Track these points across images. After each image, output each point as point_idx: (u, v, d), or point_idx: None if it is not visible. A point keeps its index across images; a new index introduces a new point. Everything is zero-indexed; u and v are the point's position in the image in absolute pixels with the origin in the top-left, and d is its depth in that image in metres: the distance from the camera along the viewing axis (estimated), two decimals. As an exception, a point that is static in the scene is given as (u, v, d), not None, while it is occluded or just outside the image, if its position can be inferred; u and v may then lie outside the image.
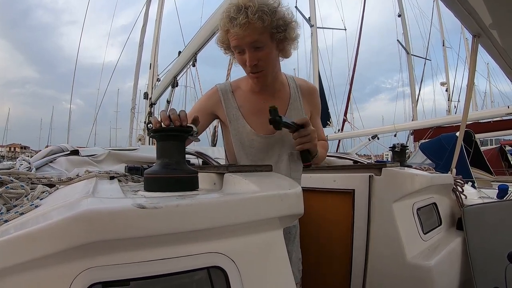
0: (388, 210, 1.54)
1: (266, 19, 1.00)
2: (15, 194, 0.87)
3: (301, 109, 1.21)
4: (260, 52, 1.05)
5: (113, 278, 0.50)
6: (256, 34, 1.02)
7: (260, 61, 1.07)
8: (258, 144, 1.16)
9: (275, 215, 0.66)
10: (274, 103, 1.15)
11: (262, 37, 1.03)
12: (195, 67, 3.92)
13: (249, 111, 1.17)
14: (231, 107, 1.17)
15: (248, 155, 1.17)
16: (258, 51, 1.05)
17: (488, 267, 1.67)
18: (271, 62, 1.10)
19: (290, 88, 1.23)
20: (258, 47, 1.05)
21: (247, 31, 1.01)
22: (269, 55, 1.07)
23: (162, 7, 7.04)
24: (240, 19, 0.99)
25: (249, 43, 1.03)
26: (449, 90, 16.63)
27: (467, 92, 2.43)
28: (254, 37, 1.02)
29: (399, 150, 1.97)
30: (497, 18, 1.32)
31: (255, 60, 1.06)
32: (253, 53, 1.05)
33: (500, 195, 2.34)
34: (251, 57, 1.05)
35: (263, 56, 1.06)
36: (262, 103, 1.16)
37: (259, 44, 1.04)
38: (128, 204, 0.50)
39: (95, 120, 11.02)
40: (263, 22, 1.00)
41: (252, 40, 1.03)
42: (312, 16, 9.82)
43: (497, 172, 5.23)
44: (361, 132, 10.77)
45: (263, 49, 1.05)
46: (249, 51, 1.05)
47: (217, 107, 1.18)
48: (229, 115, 1.17)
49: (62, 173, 1.41)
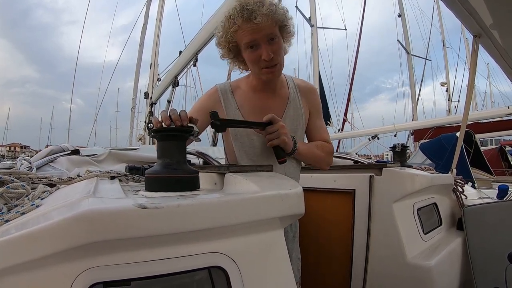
0: (388, 210, 1.54)
1: (279, 12, 1.04)
2: (16, 194, 0.87)
3: (300, 108, 1.22)
4: (275, 45, 1.07)
5: (114, 278, 0.50)
6: (272, 25, 1.05)
7: (275, 54, 1.07)
8: (258, 143, 1.16)
9: (276, 215, 0.66)
10: (274, 102, 1.17)
11: (275, 29, 1.06)
12: (196, 67, 3.92)
13: (249, 110, 1.18)
14: (230, 107, 1.18)
15: (248, 154, 1.17)
16: (272, 44, 1.07)
17: (489, 267, 1.67)
18: (282, 55, 1.12)
19: (289, 87, 1.24)
20: (273, 39, 1.06)
21: (267, 22, 1.03)
22: (281, 47, 1.10)
23: (162, 6, 7.04)
24: (263, 9, 1.01)
25: (266, 35, 1.05)
26: (449, 90, 16.61)
27: (468, 92, 2.42)
28: (270, 28, 1.04)
29: (400, 150, 1.97)
30: (497, 18, 1.32)
31: (272, 53, 1.06)
32: (269, 46, 1.06)
33: (500, 196, 2.34)
34: (268, 50, 1.05)
35: (277, 49, 1.08)
36: (263, 102, 1.18)
37: (274, 35, 1.06)
38: (129, 204, 0.50)
39: (96, 119, 11.01)
40: (277, 15, 1.04)
41: (268, 32, 1.05)
42: (312, 16, 9.81)
43: (497, 172, 5.22)
44: (361, 132, 10.76)
45: (276, 42, 1.07)
46: (265, 44, 1.06)
47: (217, 107, 1.17)
48: (229, 115, 1.17)
49: (63, 173, 1.42)
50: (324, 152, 1.23)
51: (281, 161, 1.08)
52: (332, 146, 1.29)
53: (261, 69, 1.10)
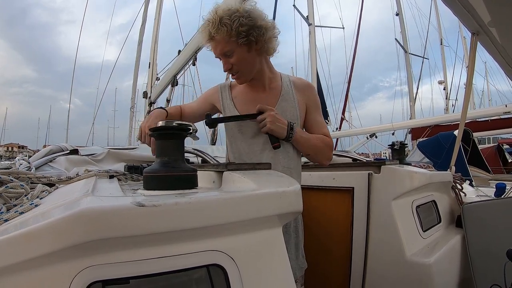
0: (387, 207, 1.55)
1: (224, 30, 1.12)
2: (15, 194, 0.87)
3: (293, 101, 1.28)
4: (231, 58, 1.18)
5: (112, 276, 0.49)
6: (221, 44, 1.16)
7: (234, 66, 1.20)
8: (247, 129, 1.26)
9: (274, 213, 0.66)
10: (267, 95, 1.29)
11: (227, 45, 1.16)
12: (195, 66, 3.92)
13: (241, 101, 1.31)
14: (226, 99, 1.34)
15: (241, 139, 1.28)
16: (229, 57, 1.19)
17: (488, 264, 1.68)
18: (245, 64, 1.21)
19: (283, 82, 1.32)
20: (228, 55, 1.18)
21: (214, 44, 1.18)
22: (240, 59, 1.19)
23: (161, 5, 7.01)
24: (206, 35, 1.16)
25: (220, 52, 1.18)
26: (447, 88, 16.67)
27: (466, 90, 2.43)
28: (220, 47, 1.17)
29: (398, 148, 1.98)
30: (495, 16, 1.32)
31: (229, 65, 1.20)
32: (225, 60, 1.20)
33: (497, 194, 2.35)
34: (224, 64, 1.21)
35: (235, 61, 1.19)
36: (255, 94, 1.29)
37: (227, 52, 1.17)
38: (127, 203, 0.50)
39: (94, 119, 10.97)
40: (223, 34, 1.13)
41: (220, 50, 1.18)
42: (310, 14, 9.82)
43: (495, 170, 5.23)
44: (359, 130, 10.77)
45: (233, 55, 1.18)
46: (223, 59, 1.21)
47: (216, 100, 1.35)
48: (224, 105, 1.33)
49: (62, 172, 1.41)
50: (324, 143, 1.27)
51: (275, 145, 1.17)
52: (332, 141, 1.32)
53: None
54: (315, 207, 1.81)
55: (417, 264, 1.43)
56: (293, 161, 1.26)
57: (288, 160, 1.24)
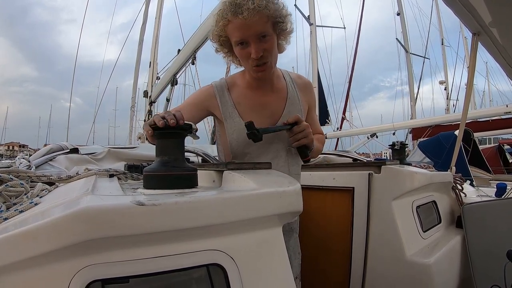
0: (387, 208, 1.54)
1: (271, 7, 0.99)
2: (15, 192, 0.87)
3: (299, 104, 1.21)
4: (265, 42, 1.03)
5: (112, 275, 0.49)
6: (262, 22, 0.99)
7: (265, 52, 1.03)
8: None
9: (274, 213, 0.66)
10: (273, 98, 1.16)
11: (267, 26, 1.01)
12: (195, 65, 3.92)
13: (246, 108, 1.15)
14: (226, 105, 1.15)
15: (246, 152, 1.15)
16: (263, 41, 1.02)
17: (488, 265, 1.67)
18: (274, 53, 1.08)
19: (287, 83, 1.22)
20: (264, 36, 1.02)
21: (255, 18, 0.97)
22: (273, 45, 1.05)
23: (161, 5, 7.01)
24: (249, 4, 0.96)
25: (254, 33, 1.00)
26: (448, 88, 16.67)
27: (467, 90, 2.42)
28: (260, 25, 1.00)
29: (399, 148, 1.97)
30: (496, 16, 1.32)
31: (261, 51, 1.02)
32: (258, 44, 1.02)
33: (498, 194, 2.34)
34: (257, 48, 1.01)
35: (268, 47, 1.03)
36: (261, 99, 1.16)
37: (265, 33, 1.01)
38: (127, 201, 0.50)
39: (95, 118, 10.97)
40: (268, 10, 0.99)
41: (259, 29, 1.00)
42: (311, 14, 9.80)
43: (496, 170, 5.23)
44: (360, 130, 10.76)
45: (268, 40, 1.03)
46: (255, 42, 1.01)
47: (212, 105, 1.15)
48: (225, 113, 1.14)
49: (62, 171, 1.41)
50: (322, 143, 1.31)
51: (307, 159, 1.11)
52: (324, 136, 1.37)
53: (251, 67, 1.08)
54: (315, 207, 1.81)
55: (417, 264, 1.43)
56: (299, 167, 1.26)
57: (297, 167, 1.24)
